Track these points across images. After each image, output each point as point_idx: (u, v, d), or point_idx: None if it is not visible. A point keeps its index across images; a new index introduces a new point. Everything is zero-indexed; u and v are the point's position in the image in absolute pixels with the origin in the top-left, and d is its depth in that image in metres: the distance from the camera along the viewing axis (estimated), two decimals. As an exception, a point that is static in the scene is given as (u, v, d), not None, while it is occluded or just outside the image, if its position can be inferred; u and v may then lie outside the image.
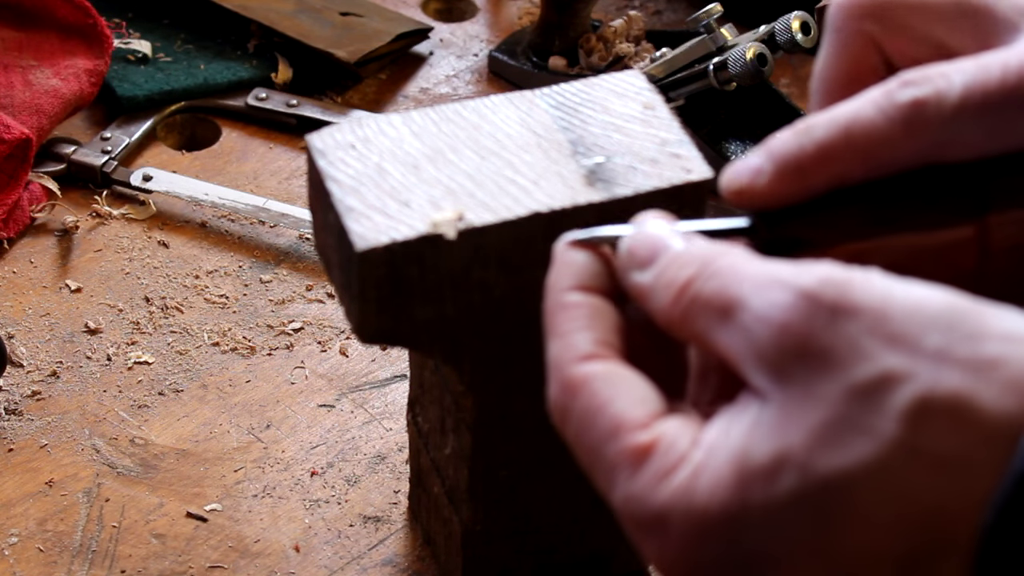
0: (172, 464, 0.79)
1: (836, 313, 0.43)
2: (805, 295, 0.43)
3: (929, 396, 0.41)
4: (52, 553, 0.74)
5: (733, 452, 0.43)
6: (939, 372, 0.41)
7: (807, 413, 0.42)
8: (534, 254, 0.58)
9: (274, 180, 0.99)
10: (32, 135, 0.93)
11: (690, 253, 0.47)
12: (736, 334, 0.44)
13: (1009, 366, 0.41)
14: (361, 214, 0.56)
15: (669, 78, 0.98)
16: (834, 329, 0.43)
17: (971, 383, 0.41)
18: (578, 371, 0.47)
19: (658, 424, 0.45)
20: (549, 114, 0.62)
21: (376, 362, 0.86)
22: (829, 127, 0.51)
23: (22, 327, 0.87)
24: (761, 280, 0.44)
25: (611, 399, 0.46)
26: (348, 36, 1.07)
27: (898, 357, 0.42)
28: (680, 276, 0.47)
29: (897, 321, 0.42)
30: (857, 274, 0.44)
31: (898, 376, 0.41)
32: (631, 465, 0.45)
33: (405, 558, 0.75)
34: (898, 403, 0.41)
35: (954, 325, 0.42)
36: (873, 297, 0.43)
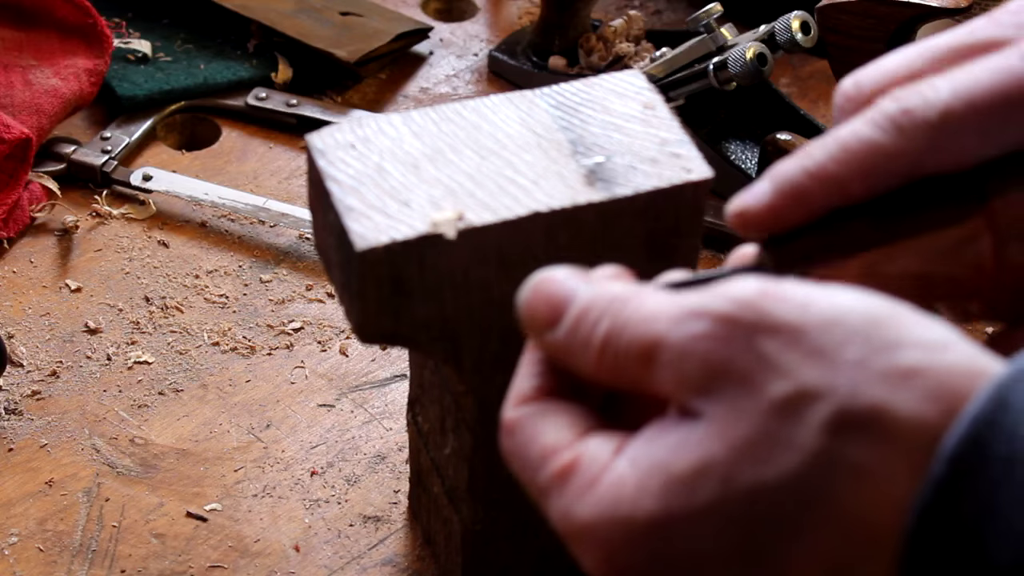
0: (172, 464, 0.79)
1: (754, 333, 0.43)
2: (722, 320, 0.44)
3: (847, 409, 0.42)
4: (52, 553, 0.74)
5: (657, 462, 0.44)
6: (856, 385, 0.42)
7: (731, 428, 0.43)
8: (534, 254, 0.58)
9: (274, 180, 0.99)
10: (32, 135, 0.93)
11: (597, 306, 0.47)
12: (663, 372, 0.45)
13: (926, 375, 0.41)
14: (361, 214, 0.56)
15: (669, 78, 0.98)
16: (754, 349, 0.43)
17: (888, 394, 0.41)
18: (512, 414, 0.49)
19: (581, 443, 0.47)
20: (549, 114, 0.62)
21: (376, 362, 0.86)
22: (826, 146, 0.51)
23: (22, 327, 0.87)
24: (675, 314, 0.45)
25: (539, 432, 0.48)
26: (348, 36, 1.07)
27: (816, 371, 0.42)
28: (596, 336, 0.47)
29: (814, 335, 0.43)
30: (772, 288, 0.44)
31: (817, 391, 0.42)
32: (558, 484, 0.46)
33: (405, 558, 0.75)
34: (818, 417, 0.42)
35: (871, 336, 0.43)
36: (789, 313, 0.43)
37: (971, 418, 0.40)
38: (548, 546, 0.71)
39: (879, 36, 0.89)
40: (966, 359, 0.42)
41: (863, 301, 0.44)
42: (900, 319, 0.43)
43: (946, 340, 0.43)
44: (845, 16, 0.91)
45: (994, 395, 0.41)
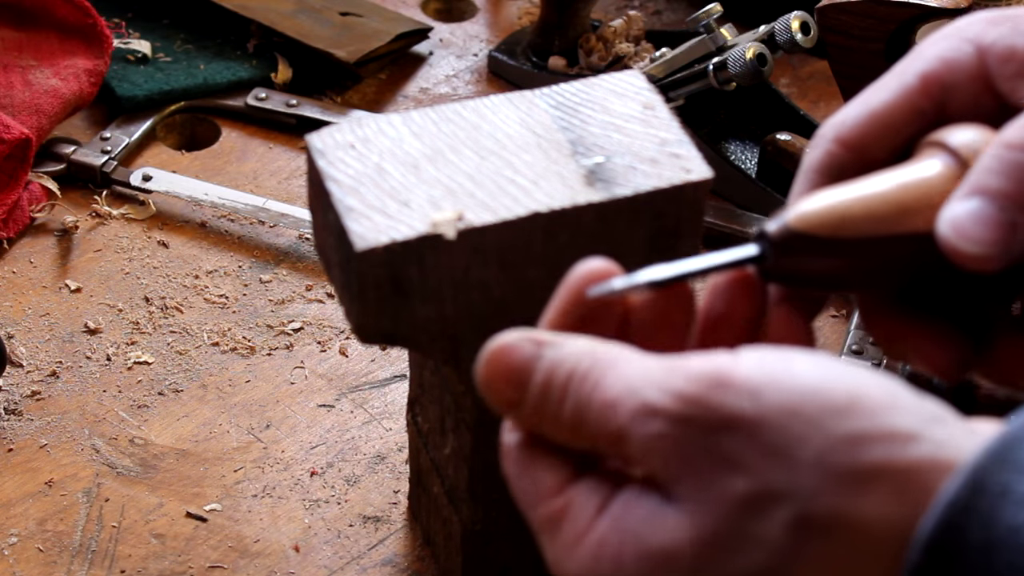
0: (172, 464, 0.79)
1: (710, 432, 0.43)
2: (674, 421, 0.43)
3: (809, 514, 0.41)
4: (52, 553, 0.74)
5: (634, 533, 0.45)
6: (817, 489, 0.41)
7: (699, 520, 0.43)
8: (534, 254, 0.58)
9: (274, 180, 0.99)
10: (32, 135, 0.93)
11: (556, 383, 0.46)
12: (633, 457, 0.45)
13: (890, 474, 0.41)
14: (361, 214, 0.56)
15: (669, 78, 0.98)
16: (711, 448, 0.43)
17: (848, 498, 0.41)
18: (508, 439, 0.49)
19: (570, 489, 0.47)
20: (549, 114, 0.62)
21: (376, 362, 0.86)
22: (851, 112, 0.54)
23: (22, 327, 0.87)
24: (632, 408, 0.44)
25: (534, 467, 0.48)
26: (348, 36, 1.07)
27: (776, 471, 0.42)
28: (564, 416, 0.46)
29: (771, 430, 0.42)
30: (723, 375, 0.43)
31: (778, 493, 0.42)
32: (549, 530, 0.47)
33: (405, 558, 0.75)
34: (781, 517, 0.42)
35: (832, 429, 0.42)
36: (743, 406, 0.43)
37: (945, 504, 0.40)
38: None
39: (879, 36, 0.89)
40: (932, 451, 0.41)
41: (826, 383, 0.42)
42: (865, 404, 0.42)
43: (912, 429, 0.41)
44: (845, 16, 0.91)
45: (968, 480, 0.40)
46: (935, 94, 0.53)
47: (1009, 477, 0.40)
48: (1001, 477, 0.40)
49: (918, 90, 0.53)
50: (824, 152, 0.54)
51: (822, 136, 0.55)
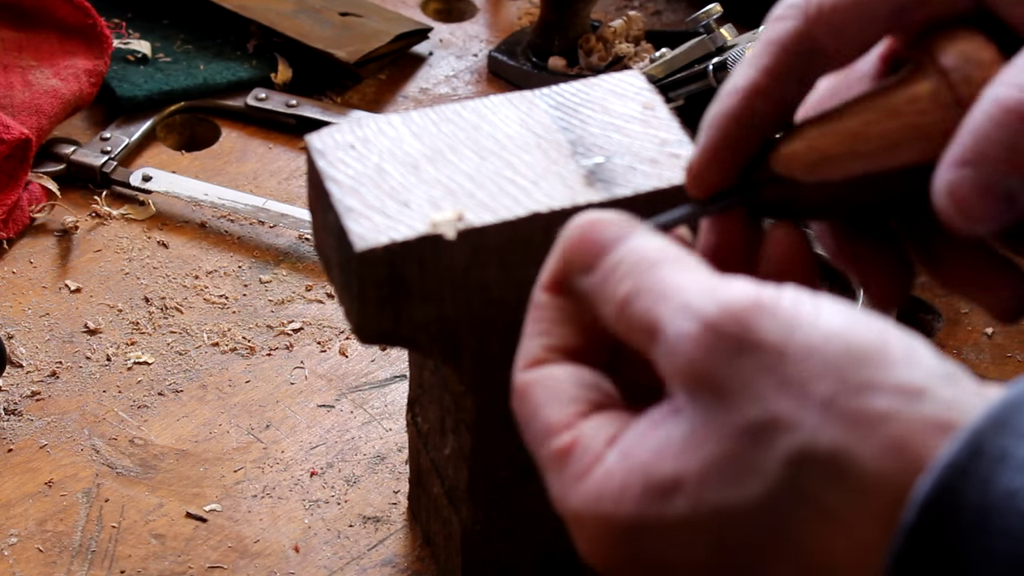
0: (172, 464, 0.79)
1: (736, 348, 0.43)
2: (709, 327, 0.44)
3: (810, 448, 0.42)
4: (52, 553, 0.74)
5: (641, 464, 0.45)
6: (822, 424, 0.42)
7: (705, 442, 0.43)
8: (534, 254, 0.58)
9: (274, 180, 0.99)
10: (32, 135, 0.93)
11: (626, 263, 0.48)
12: (658, 355, 0.46)
13: (892, 424, 0.41)
14: (360, 214, 0.56)
15: (669, 78, 0.98)
16: (733, 364, 0.43)
17: (850, 440, 0.41)
18: (521, 377, 0.50)
19: (580, 424, 0.47)
20: (549, 114, 0.62)
21: (376, 362, 0.86)
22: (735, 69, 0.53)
23: (22, 327, 0.87)
24: (677, 305, 0.45)
25: (543, 403, 0.48)
26: (348, 36, 1.07)
27: (787, 402, 0.42)
28: (619, 292, 0.47)
29: (791, 363, 0.43)
30: (766, 300, 0.44)
31: (785, 422, 0.42)
32: (556, 466, 0.47)
33: (405, 558, 0.75)
34: (783, 449, 0.42)
35: (847, 373, 0.42)
36: (774, 333, 0.43)
37: (944, 465, 0.40)
38: (548, 546, 0.71)
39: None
40: (938, 410, 0.41)
41: (851, 329, 0.43)
42: (883, 356, 0.42)
43: (924, 385, 0.42)
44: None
45: (968, 443, 0.40)
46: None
47: (1008, 442, 0.40)
48: (1000, 441, 0.40)
49: None
50: (792, 28, 0.52)
51: (791, 4, 0.52)
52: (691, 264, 0.47)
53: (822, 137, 0.51)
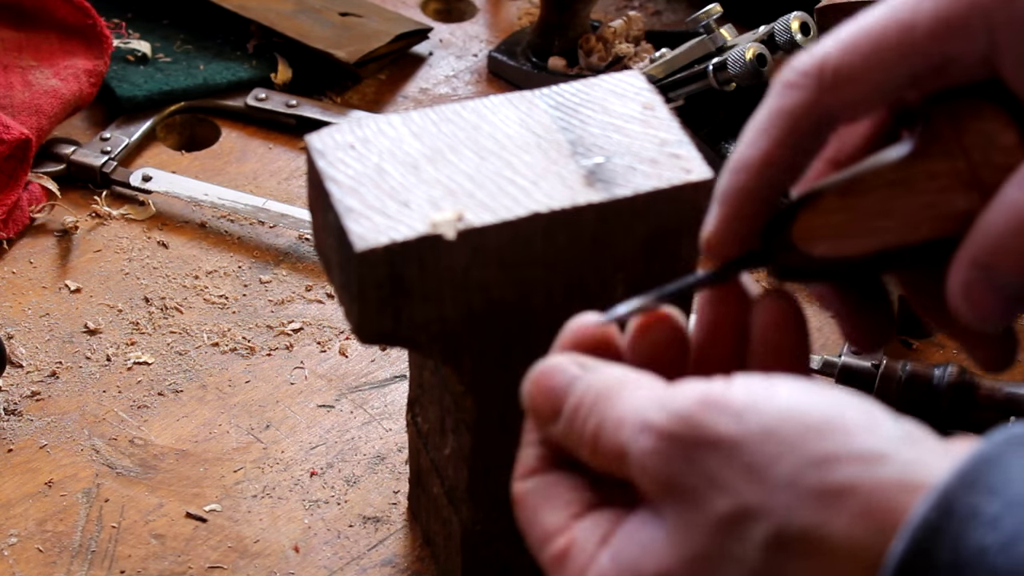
0: (172, 464, 0.79)
1: (693, 449, 0.45)
2: (663, 436, 0.45)
3: (783, 531, 0.42)
4: (51, 553, 0.74)
5: (630, 564, 0.46)
6: (789, 507, 0.42)
7: (682, 541, 0.45)
8: (533, 254, 0.58)
9: (274, 180, 0.99)
10: (31, 135, 0.93)
11: (585, 403, 0.49)
12: (632, 476, 0.47)
13: (858, 493, 0.42)
14: (360, 214, 0.56)
15: (669, 78, 0.98)
16: (693, 465, 0.44)
17: (819, 516, 0.42)
18: (518, 487, 0.52)
19: (574, 526, 0.49)
20: (548, 114, 0.62)
21: (376, 362, 0.86)
22: (744, 136, 0.52)
23: (22, 327, 0.87)
24: (633, 425, 0.46)
25: (539, 509, 0.50)
26: (348, 36, 1.07)
27: (753, 489, 0.43)
28: (587, 432, 0.49)
29: (749, 450, 0.43)
30: (712, 396, 0.45)
31: (754, 510, 0.43)
32: (555, 569, 0.49)
33: (405, 558, 0.75)
34: (758, 536, 0.43)
35: (806, 449, 0.43)
36: (727, 426, 0.44)
37: (915, 526, 0.40)
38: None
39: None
40: (900, 472, 0.42)
41: (805, 405, 0.44)
42: (840, 426, 0.43)
43: (883, 450, 0.42)
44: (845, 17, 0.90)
45: (938, 502, 0.40)
46: (933, 55, 0.50)
47: (978, 499, 0.40)
48: (970, 499, 0.40)
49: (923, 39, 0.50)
50: (804, 99, 0.51)
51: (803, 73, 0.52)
52: (643, 382, 0.48)
53: (841, 212, 0.51)
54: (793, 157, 0.52)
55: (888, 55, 0.50)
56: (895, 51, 0.50)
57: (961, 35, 0.50)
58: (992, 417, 0.79)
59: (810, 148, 0.52)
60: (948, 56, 0.50)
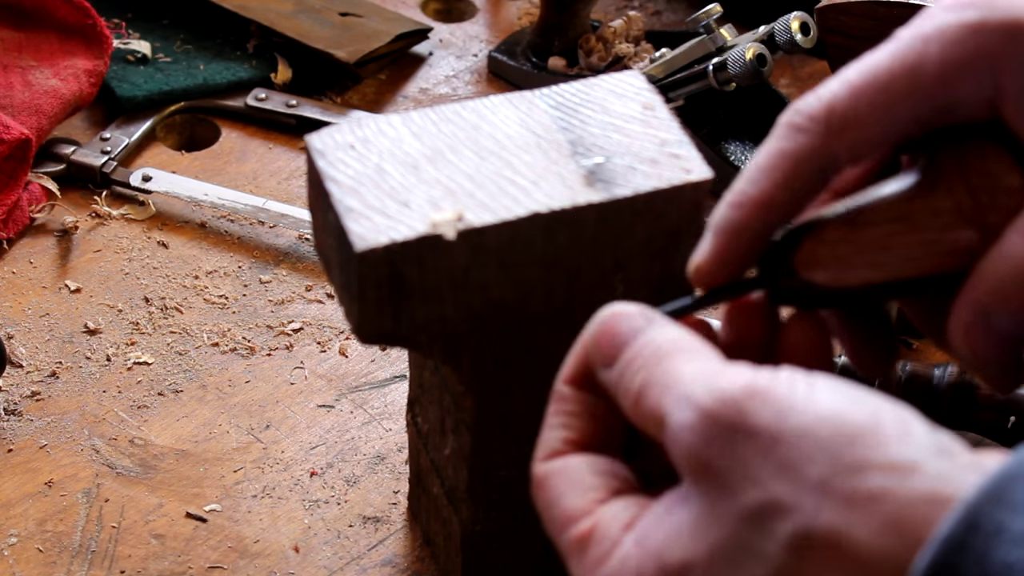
0: (172, 464, 0.79)
1: (732, 435, 0.45)
2: (706, 415, 0.45)
3: (809, 531, 0.42)
4: (51, 553, 0.74)
5: (655, 550, 0.46)
6: (819, 507, 0.42)
7: (710, 528, 0.45)
8: (533, 254, 0.58)
9: (274, 180, 0.99)
10: (31, 135, 0.93)
11: (642, 356, 0.49)
12: (667, 444, 0.47)
13: (887, 502, 0.42)
14: (360, 214, 0.56)
15: (669, 78, 0.98)
16: (730, 451, 0.45)
17: (847, 520, 0.42)
18: (540, 468, 0.51)
19: (599, 510, 0.49)
20: (548, 114, 0.62)
21: (376, 362, 0.86)
22: (745, 173, 0.53)
23: (22, 327, 0.87)
24: (678, 395, 0.47)
25: (561, 493, 0.50)
26: (348, 36, 1.07)
27: (784, 486, 0.43)
28: (633, 386, 0.49)
29: (786, 447, 0.44)
30: (759, 386, 0.45)
31: (783, 506, 0.43)
32: (577, 552, 0.49)
33: (405, 558, 0.75)
34: (783, 532, 0.43)
35: (841, 453, 0.43)
36: (768, 419, 0.44)
37: (941, 541, 0.40)
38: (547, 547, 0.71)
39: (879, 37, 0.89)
40: (931, 485, 0.42)
41: (843, 409, 0.44)
42: (875, 434, 0.43)
43: (916, 461, 0.42)
44: (845, 17, 0.91)
45: (964, 517, 0.40)
46: (940, 98, 0.51)
47: (1004, 515, 0.40)
48: (996, 515, 0.40)
49: (931, 80, 0.51)
50: (809, 144, 0.52)
51: (809, 117, 0.52)
52: (699, 353, 0.48)
53: (844, 245, 0.52)
54: (794, 199, 0.52)
55: (896, 100, 0.51)
56: (902, 96, 0.51)
57: (968, 79, 0.50)
58: (992, 417, 0.79)
59: (812, 190, 0.53)
60: (954, 100, 0.51)
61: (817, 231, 0.52)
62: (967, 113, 0.51)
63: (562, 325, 0.61)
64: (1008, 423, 0.79)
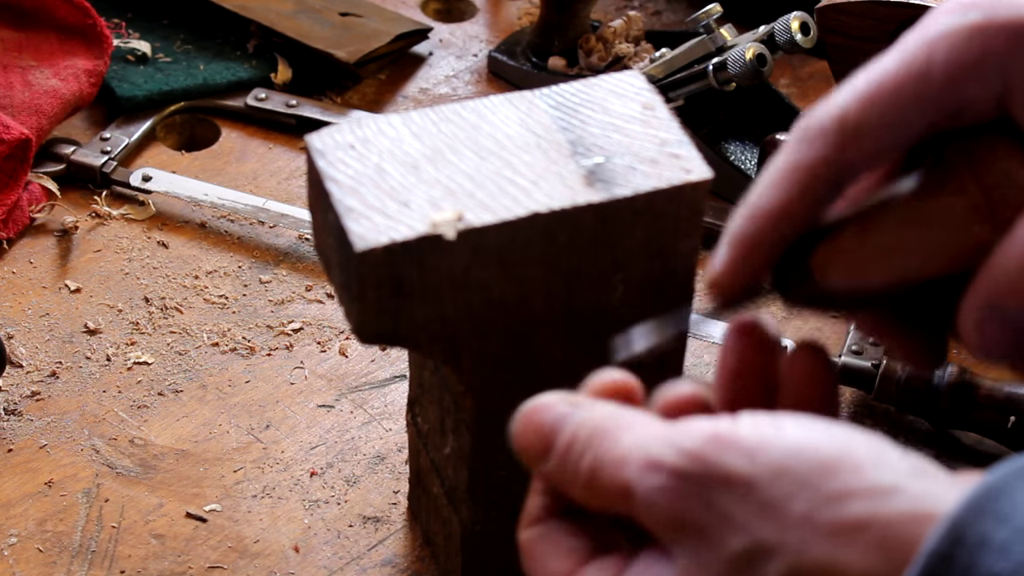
0: (172, 464, 0.79)
1: (706, 487, 0.45)
2: (676, 475, 0.45)
3: (799, 567, 0.43)
4: (51, 553, 0.74)
5: None
6: (805, 542, 0.43)
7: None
8: (533, 254, 0.58)
9: (273, 180, 0.99)
10: (31, 135, 0.93)
11: (580, 440, 0.49)
12: (639, 513, 0.47)
13: (872, 526, 0.42)
14: (361, 214, 0.56)
15: (668, 78, 0.98)
16: (708, 503, 0.45)
17: (835, 550, 0.42)
18: (523, 536, 0.53)
19: (580, 572, 0.50)
20: (548, 114, 0.62)
21: (376, 362, 0.86)
22: (758, 184, 0.53)
23: (22, 327, 0.87)
24: (639, 464, 0.47)
25: (544, 555, 0.51)
26: (348, 36, 1.07)
27: (768, 527, 0.44)
28: (581, 469, 0.49)
29: (763, 488, 0.44)
30: (722, 434, 0.45)
31: (770, 547, 0.43)
32: None
33: (405, 558, 0.75)
34: (772, 573, 0.43)
35: (819, 486, 0.43)
36: (739, 463, 0.45)
37: (927, 555, 0.41)
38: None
39: (879, 36, 0.89)
40: (913, 504, 0.42)
41: (815, 442, 0.44)
42: (849, 462, 0.44)
43: (894, 483, 0.43)
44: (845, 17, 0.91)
45: (949, 531, 0.41)
46: (950, 102, 0.51)
47: (987, 526, 0.41)
48: (979, 527, 0.41)
49: (937, 87, 0.51)
50: (823, 156, 0.52)
51: (822, 130, 0.52)
52: (640, 421, 0.49)
53: (859, 247, 0.52)
54: (809, 210, 0.52)
55: (906, 107, 0.51)
56: (912, 102, 0.51)
57: (975, 80, 0.50)
58: (992, 417, 0.79)
59: (827, 200, 0.53)
60: (964, 101, 0.51)
61: (831, 236, 0.53)
62: (976, 113, 0.51)
63: (562, 325, 0.61)
64: (1008, 423, 0.79)
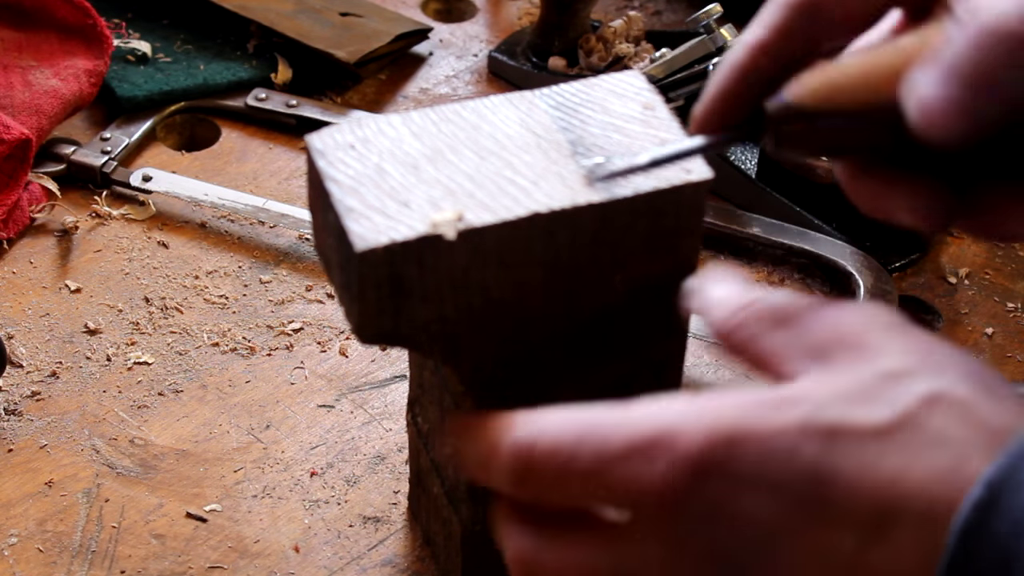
0: (172, 464, 0.79)
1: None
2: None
3: (945, 392, 0.48)
4: (52, 553, 0.74)
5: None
6: (957, 381, 0.49)
7: (834, 380, 0.49)
8: (533, 254, 0.58)
9: (274, 180, 0.99)
10: (32, 135, 0.93)
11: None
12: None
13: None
14: (361, 214, 0.56)
15: (669, 78, 0.98)
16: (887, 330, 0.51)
17: (982, 396, 0.48)
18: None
19: None
20: (549, 114, 0.62)
21: (376, 362, 0.86)
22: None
23: (22, 327, 0.87)
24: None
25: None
26: (348, 36, 1.07)
27: (917, 358, 0.50)
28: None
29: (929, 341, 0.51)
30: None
31: (922, 371, 0.49)
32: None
33: (405, 558, 0.75)
34: (917, 388, 0.48)
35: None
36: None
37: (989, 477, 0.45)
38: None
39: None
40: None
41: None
42: None
43: None
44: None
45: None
46: None
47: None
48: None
49: None
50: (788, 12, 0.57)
51: None
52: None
53: (833, 70, 0.55)
54: (786, 45, 0.57)
55: None
56: None
57: None
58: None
59: (805, 40, 0.57)
60: None
61: (810, 71, 0.55)
62: None
63: (562, 325, 0.61)
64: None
